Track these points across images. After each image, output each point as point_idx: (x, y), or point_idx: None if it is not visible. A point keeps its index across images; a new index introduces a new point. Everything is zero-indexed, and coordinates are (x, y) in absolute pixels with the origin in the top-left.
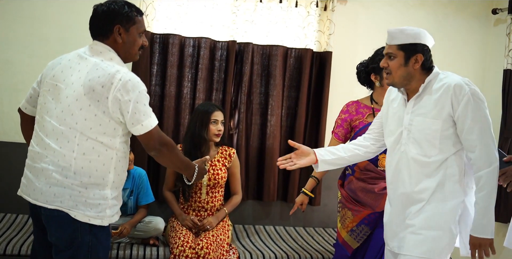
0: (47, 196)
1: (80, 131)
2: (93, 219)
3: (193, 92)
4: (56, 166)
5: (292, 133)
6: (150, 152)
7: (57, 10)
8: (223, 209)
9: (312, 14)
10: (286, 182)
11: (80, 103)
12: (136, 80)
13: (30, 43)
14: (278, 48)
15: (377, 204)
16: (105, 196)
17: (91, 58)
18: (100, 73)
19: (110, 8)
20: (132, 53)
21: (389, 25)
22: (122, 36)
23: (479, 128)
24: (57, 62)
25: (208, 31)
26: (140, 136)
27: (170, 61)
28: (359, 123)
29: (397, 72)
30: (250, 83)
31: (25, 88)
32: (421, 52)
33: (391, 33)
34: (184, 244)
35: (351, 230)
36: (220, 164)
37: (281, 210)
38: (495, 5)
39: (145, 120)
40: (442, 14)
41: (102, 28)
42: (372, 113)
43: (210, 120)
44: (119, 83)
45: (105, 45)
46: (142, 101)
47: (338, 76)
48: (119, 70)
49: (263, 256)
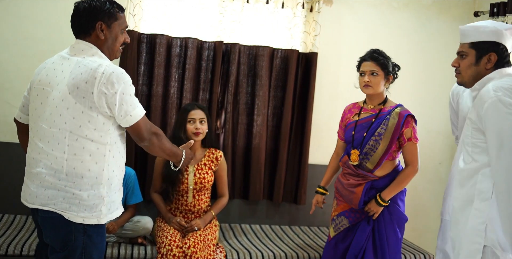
0: (42, 199)
1: (69, 130)
2: (88, 219)
3: (180, 92)
4: (49, 169)
5: (278, 133)
6: (141, 143)
7: (43, 9)
8: (211, 212)
9: (298, 15)
10: (272, 181)
11: (66, 102)
12: (120, 72)
13: (17, 42)
14: (264, 49)
15: (348, 199)
16: (100, 195)
17: (73, 57)
18: (83, 69)
19: (92, 5)
20: (114, 49)
21: (373, 27)
22: (104, 33)
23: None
24: (42, 66)
25: (195, 31)
26: (130, 127)
27: (157, 61)
28: (347, 122)
29: (467, 71)
30: (237, 83)
31: (12, 87)
32: (494, 51)
33: (464, 31)
34: (171, 243)
35: (332, 219)
36: (207, 168)
37: (267, 209)
38: (477, 8)
39: (132, 110)
40: (425, 16)
41: (84, 25)
42: (358, 113)
43: (187, 119)
44: (102, 76)
45: (87, 43)
46: (128, 92)
47: (323, 76)
48: (101, 64)
49: (250, 254)
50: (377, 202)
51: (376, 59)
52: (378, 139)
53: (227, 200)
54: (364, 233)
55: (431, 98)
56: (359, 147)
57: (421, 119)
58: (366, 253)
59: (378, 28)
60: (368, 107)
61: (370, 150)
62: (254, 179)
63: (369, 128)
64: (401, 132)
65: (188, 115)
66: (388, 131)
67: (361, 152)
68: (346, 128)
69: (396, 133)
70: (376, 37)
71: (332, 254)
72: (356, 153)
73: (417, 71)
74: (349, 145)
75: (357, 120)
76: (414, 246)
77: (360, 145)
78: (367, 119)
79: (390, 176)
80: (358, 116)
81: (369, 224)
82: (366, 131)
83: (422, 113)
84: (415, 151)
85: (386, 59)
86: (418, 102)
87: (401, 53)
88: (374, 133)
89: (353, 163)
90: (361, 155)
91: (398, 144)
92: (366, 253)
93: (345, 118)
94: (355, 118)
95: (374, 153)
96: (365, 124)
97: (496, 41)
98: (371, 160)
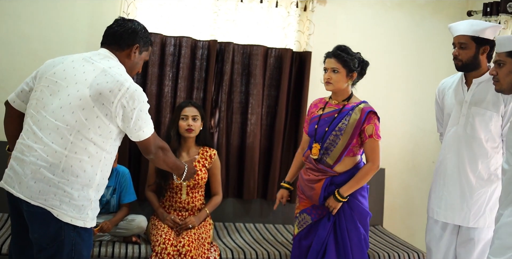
0: (32, 192)
1: (77, 129)
2: (75, 220)
3: (174, 91)
4: (44, 161)
5: (272, 131)
6: (148, 155)
7: (39, 9)
8: (205, 210)
9: (292, 15)
10: (266, 180)
11: (84, 103)
12: (141, 91)
13: (12, 41)
14: (258, 48)
15: (309, 195)
16: (89, 198)
17: (99, 63)
18: (109, 79)
19: (138, 28)
20: (133, 73)
21: (367, 26)
22: (135, 55)
23: None
24: (59, 61)
25: (189, 30)
26: (140, 142)
27: (151, 59)
28: (312, 116)
29: (505, 79)
30: (231, 82)
31: (6, 86)
32: None
33: (500, 41)
34: (165, 242)
35: (295, 216)
36: (200, 165)
37: (261, 208)
38: (470, 7)
39: (145, 127)
40: (419, 15)
41: (123, 40)
42: (323, 107)
43: (180, 116)
44: (127, 91)
45: (115, 56)
46: (144, 110)
47: (317, 75)
48: (127, 79)
49: (244, 253)
50: (336, 198)
51: (338, 56)
52: (338, 134)
53: (221, 198)
54: (325, 229)
55: (425, 97)
56: (321, 141)
57: (415, 117)
58: (328, 249)
59: (372, 27)
60: (332, 102)
61: (330, 145)
62: (248, 178)
63: (331, 122)
64: (363, 128)
65: (182, 112)
66: (349, 126)
67: (322, 146)
68: (310, 122)
69: (357, 129)
70: (370, 36)
71: (298, 252)
72: (317, 147)
73: (410, 70)
74: (311, 139)
75: (321, 115)
76: (408, 244)
77: (322, 139)
78: (330, 114)
79: (350, 172)
80: (322, 110)
81: (329, 220)
82: (328, 125)
83: (415, 112)
84: (377, 148)
85: (349, 56)
86: (411, 101)
87: (395, 52)
88: (335, 128)
89: (313, 157)
90: (322, 150)
91: (360, 141)
92: (328, 249)
93: (310, 113)
94: (319, 113)
95: (334, 148)
96: (327, 118)
97: None
98: (331, 156)
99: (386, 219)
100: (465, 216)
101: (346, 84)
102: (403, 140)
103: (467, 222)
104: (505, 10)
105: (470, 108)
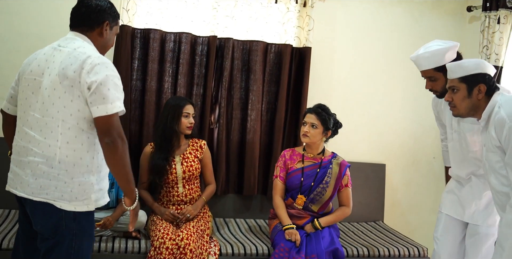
0: (33, 188)
1: (61, 119)
2: (79, 206)
3: (174, 87)
4: (41, 157)
5: (272, 127)
6: (104, 137)
7: (36, 6)
8: (202, 198)
9: (292, 10)
10: (266, 176)
11: (58, 91)
12: (106, 65)
13: (9, 38)
14: (258, 44)
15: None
16: (90, 183)
17: (65, 48)
18: (73, 60)
19: (104, 4)
20: (106, 50)
21: (366, 22)
22: (107, 32)
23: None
24: (33, 57)
25: (189, 26)
26: (96, 118)
27: (151, 56)
28: (290, 168)
29: (462, 104)
30: (231, 78)
31: (4, 82)
32: (483, 82)
33: (450, 68)
34: (164, 236)
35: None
36: (192, 156)
37: (261, 204)
38: (470, 2)
39: (102, 104)
40: (418, 11)
41: (91, 20)
42: (302, 160)
43: (182, 113)
44: (88, 66)
45: (84, 37)
46: (107, 85)
47: (317, 71)
48: (90, 55)
49: (244, 248)
50: (314, 225)
51: (319, 114)
52: (325, 187)
53: (215, 187)
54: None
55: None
56: (306, 193)
57: (414, 113)
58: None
59: (371, 23)
60: (309, 155)
61: (317, 196)
62: (248, 174)
63: (315, 176)
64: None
65: (184, 109)
66: (332, 179)
67: (307, 198)
68: (290, 174)
69: (338, 180)
70: (369, 32)
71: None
72: (302, 199)
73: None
74: (294, 190)
75: (303, 167)
76: (408, 239)
77: (308, 191)
78: (312, 168)
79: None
80: (302, 163)
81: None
82: (313, 180)
83: (415, 108)
84: (350, 195)
85: (328, 116)
86: (411, 96)
87: (394, 47)
88: (322, 181)
89: (299, 207)
90: (307, 201)
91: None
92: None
93: (286, 164)
94: (300, 165)
95: (321, 198)
96: (310, 172)
97: (482, 72)
98: (317, 204)
99: (386, 215)
100: (473, 215)
101: (320, 140)
102: (403, 136)
103: (476, 220)
104: (504, 5)
105: (459, 124)
